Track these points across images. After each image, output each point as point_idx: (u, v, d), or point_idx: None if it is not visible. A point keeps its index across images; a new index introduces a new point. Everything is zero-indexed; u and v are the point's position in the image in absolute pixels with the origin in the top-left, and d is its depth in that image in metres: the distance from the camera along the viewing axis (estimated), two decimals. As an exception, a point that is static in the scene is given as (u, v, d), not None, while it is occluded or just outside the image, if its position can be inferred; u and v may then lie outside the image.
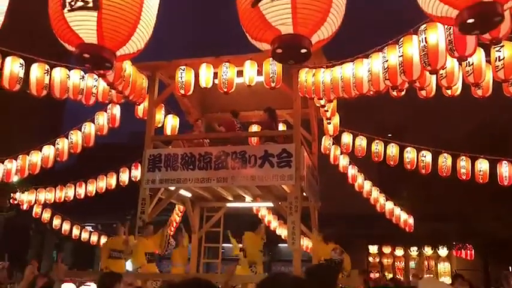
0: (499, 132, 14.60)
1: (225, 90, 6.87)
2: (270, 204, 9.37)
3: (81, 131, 8.89)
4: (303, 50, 2.02)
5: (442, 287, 3.56)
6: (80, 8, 2.01)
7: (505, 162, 8.82)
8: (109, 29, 2.00)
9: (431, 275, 17.20)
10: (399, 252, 18.28)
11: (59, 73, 6.61)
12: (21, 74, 6.29)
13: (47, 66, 6.51)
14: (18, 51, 6.36)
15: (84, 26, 2.01)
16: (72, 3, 1.97)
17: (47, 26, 2.19)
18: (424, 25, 4.73)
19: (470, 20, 2.19)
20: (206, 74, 7.00)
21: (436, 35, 4.66)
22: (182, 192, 8.22)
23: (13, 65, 6.21)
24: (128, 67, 6.44)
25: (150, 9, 2.16)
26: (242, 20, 2.06)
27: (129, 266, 7.92)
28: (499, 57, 5.33)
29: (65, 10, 2.02)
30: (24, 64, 6.34)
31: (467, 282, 7.00)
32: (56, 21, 2.05)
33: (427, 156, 9.33)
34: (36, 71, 6.44)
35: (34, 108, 15.87)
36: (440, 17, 2.32)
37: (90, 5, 1.99)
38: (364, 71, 5.95)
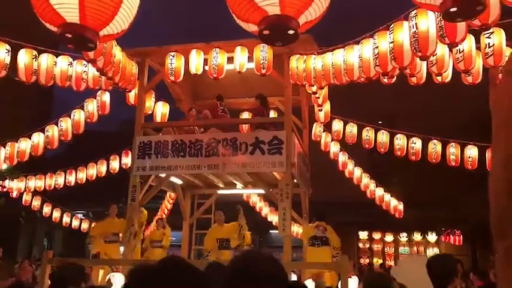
0: (488, 119, 14.69)
1: (215, 76, 6.83)
2: (261, 191, 9.40)
3: (70, 118, 8.80)
4: (291, 31, 1.99)
5: (417, 265, 3.61)
6: (62, -13, 1.92)
7: (494, 148, 8.90)
8: (91, 8, 1.95)
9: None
10: (389, 238, 18.51)
11: (45, 59, 6.52)
12: (8, 61, 6.19)
13: (34, 52, 6.41)
14: (5, 37, 6.25)
15: (66, 5, 1.95)
16: (54, -19, 1.90)
17: (33, 12, 2.13)
18: (415, 11, 4.71)
19: (453, 9, 2.20)
20: (196, 60, 6.94)
21: (427, 21, 4.65)
22: (173, 179, 8.20)
23: (-1, 51, 6.11)
24: (118, 53, 6.36)
25: (134, -11, 2.10)
26: (229, 1, 2.02)
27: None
28: (489, 43, 5.35)
29: (46, -11, 1.95)
30: (10, 50, 6.24)
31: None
32: (38, 1, 1.99)
33: (417, 143, 9.39)
34: (24, 56, 6.34)
35: (22, 95, 15.67)
36: (425, 4, 2.33)
37: (72, -17, 1.90)
38: (355, 57, 5.93)
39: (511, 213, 0.87)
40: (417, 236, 18.19)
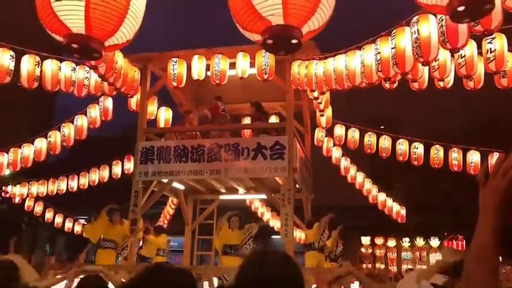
0: (491, 124, 14.71)
1: (217, 82, 6.84)
2: (263, 197, 9.39)
3: (73, 123, 8.83)
4: (294, 41, 2.00)
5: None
6: (68, -3, 1.94)
7: (496, 153, 8.89)
8: (97, 19, 1.96)
9: (424, 266, 17.40)
10: (391, 243, 18.43)
11: (50, 65, 6.55)
12: (12, 67, 6.23)
13: (37, 58, 6.45)
14: (9, 43, 6.29)
15: (71, 15, 1.96)
16: (60, -8, 1.91)
17: (37, 18, 2.15)
18: (417, 17, 4.72)
19: (461, 8, 2.20)
20: (198, 66, 6.96)
21: (428, 27, 4.66)
22: (175, 184, 8.21)
23: (3, 57, 6.14)
24: (120, 59, 6.38)
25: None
26: (233, 10, 2.04)
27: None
28: (491, 49, 5.36)
29: (52, 0, 1.97)
30: (14, 56, 6.27)
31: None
32: (43, 11, 2.01)
33: (419, 148, 9.39)
34: (27, 63, 6.38)
35: (24, 100, 15.73)
36: (431, 5, 2.33)
37: (78, -6, 1.92)
38: (357, 62, 5.94)
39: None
40: (420, 241, 18.11)
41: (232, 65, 6.92)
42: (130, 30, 2.12)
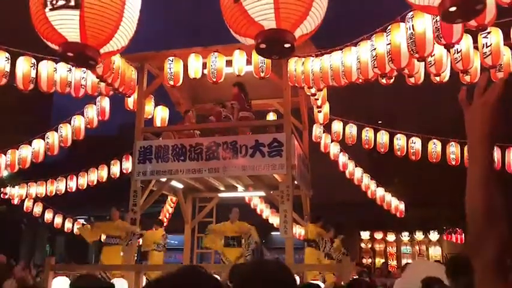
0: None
1: (214, 80, 6.85)
2: (262, 194, 9.42)
3: (70, 124, 8.83)
4: (287, 45, 2.02)
5: (430, 269, 3.60)
6: (62, 7, 1.98)
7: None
8: (92, 27, 1.98)
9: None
10: (391, 237, 18.50)
11: (45, 66, 6.55)
12: (7, 68, 6.23)
13: (33, 60, 6.44)
14: (3, 45, 6.29)
15: (66, 24, 1.99)
16: (54, 2, 1.94)
17: (31, 20, 2.16)
18: (411, 13, 4.74)
19: (452, 8, 2.21)
20: (195, 65, 6.95)
21: (423, 23, 4.67)
22: (174, 183, 8.22)
23: (-1, 59, 6.14)
24: (117, 59, 6.38)
25: (132, 5, 2.13)
26: (225, 15, 2.05)
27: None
28: (486, 43, 5.38)
29: (47, 9, 1.99)
30: (9, 58, 6.27)
31: None
32: (38, 21, 2.03)
33: (416, 143, 9.40)
34: (23, 64, 6.37)
35: (22, 101, 15.72)
36: (423, 6, 2.34)
37: (72, 3, 1.95)
38: (353, 59, 5.96)
39: (487, 232, 0.92)
40: (419, 235, 18.17)
41: (229, 63, 6.92)
42: (125, 37, 2.14)
